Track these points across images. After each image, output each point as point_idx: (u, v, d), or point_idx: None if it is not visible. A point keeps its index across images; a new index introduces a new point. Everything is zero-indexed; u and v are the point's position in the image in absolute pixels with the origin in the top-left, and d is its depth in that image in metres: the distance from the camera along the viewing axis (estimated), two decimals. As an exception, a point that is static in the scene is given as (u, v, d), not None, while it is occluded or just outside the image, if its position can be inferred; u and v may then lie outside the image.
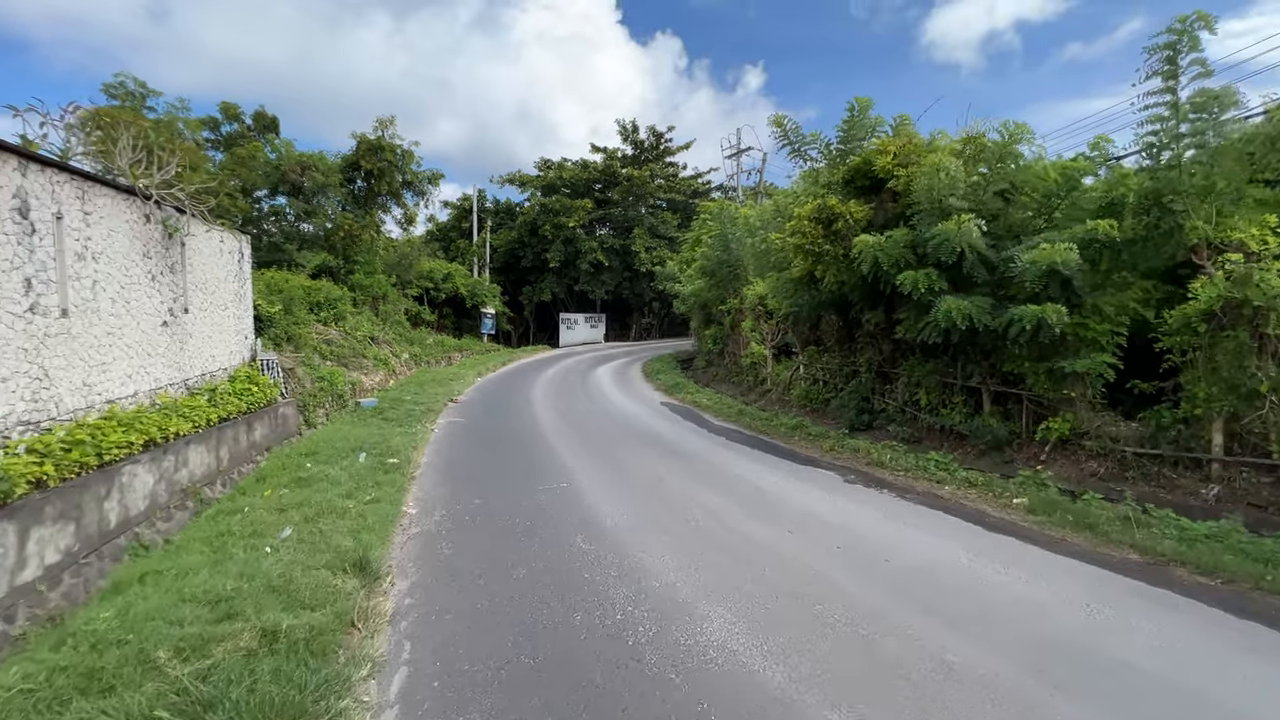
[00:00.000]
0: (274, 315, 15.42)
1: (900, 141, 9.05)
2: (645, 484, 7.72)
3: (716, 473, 8.34)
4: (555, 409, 14.36)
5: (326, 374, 14.64)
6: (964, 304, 7.57)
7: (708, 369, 22.85)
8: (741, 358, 18.16)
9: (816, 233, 8.98)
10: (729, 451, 9.71)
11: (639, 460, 9.01)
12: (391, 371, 19.88)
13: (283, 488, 6.63)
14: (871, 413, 11.38)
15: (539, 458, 9.13)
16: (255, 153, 24.59)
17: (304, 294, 18.96)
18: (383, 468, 7.71)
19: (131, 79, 23.95)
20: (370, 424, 10.93)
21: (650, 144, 42.59)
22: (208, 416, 8.81)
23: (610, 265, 39.78)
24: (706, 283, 19.65)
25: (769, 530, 6.07)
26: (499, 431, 11.40)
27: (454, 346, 28.89)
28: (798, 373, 14.94)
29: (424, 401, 14.69)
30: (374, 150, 27.39)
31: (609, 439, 10.64)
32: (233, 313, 11.23)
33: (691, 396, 16.30)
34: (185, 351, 9.35)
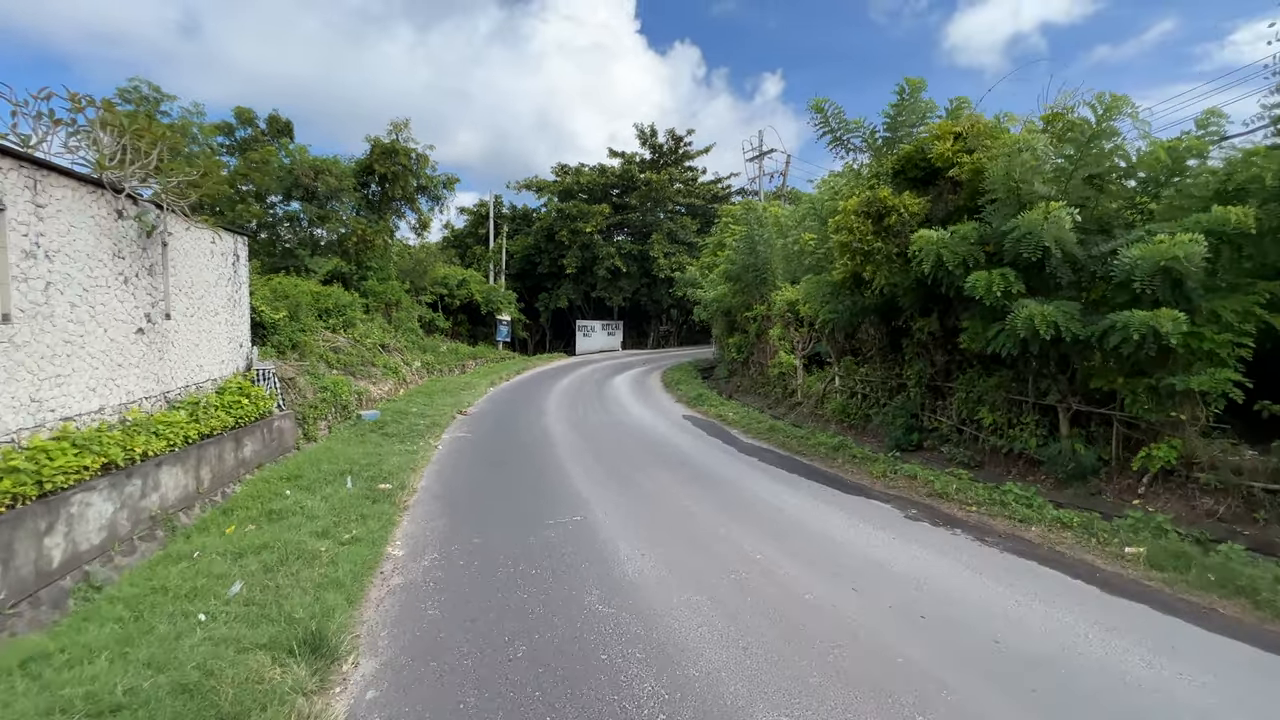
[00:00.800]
0: (278, 322, 14.68)
1: (964, 124, 7.90)
2: (671, 518, 6.63)
3: (752, 504, 7.22)
4: (569, 422, 13.35)
5: (330, 384, 13.81)
6: (1048, 310, 6.39)
7: (730, 379, 21.68)
8: (768, 368, 16.99)
9: (865, 229, 7.86)
10: (764, 476, 8.58)
11: (662, 486, 7.94)
12: (402, 380, 19.08)
13: (249, 523, 5.68)
14: (921, 431, 10.15)
15: (550, 482, 8.10)
16: (269, 157, 24.15)
17: (312, 300, 18.28)
18: (371, 496, 6.74)
19: (146, 83, 23.68)
20: (368, 440, 10.01)
21: (669, 148, 41.69)
22: (186, 433, 7.95)
23: (628, 271, 38.85)
24: (730, 288, 18.55)
25: (828, 587, 4.95)
26: (508, 449, 10.40)
27: (468, 354, 28.13)
28: (832, 385, 13.73)
29: (431, 414, 13.78)
30: (388, 154, 26.86)
31: (627, 459, 9.57)
32: (225, 319, 10.43)
33: (715, 409, 15.17)
34: (166, 361, 8.52)
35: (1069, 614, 4.40)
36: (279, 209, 26.16)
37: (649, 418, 14.30)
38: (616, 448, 10.55)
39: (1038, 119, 7.30)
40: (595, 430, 12.30)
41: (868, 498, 7.50)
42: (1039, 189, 6.70)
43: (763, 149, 33.94)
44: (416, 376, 20.94)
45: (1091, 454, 7.29)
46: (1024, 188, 6.74)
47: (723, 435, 12.03)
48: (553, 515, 6.64)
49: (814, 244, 11.80)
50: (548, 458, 9.65)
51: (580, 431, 12.07)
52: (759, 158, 34.19)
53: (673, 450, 10.43)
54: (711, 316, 23.00)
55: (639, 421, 13.67)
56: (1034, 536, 6.03)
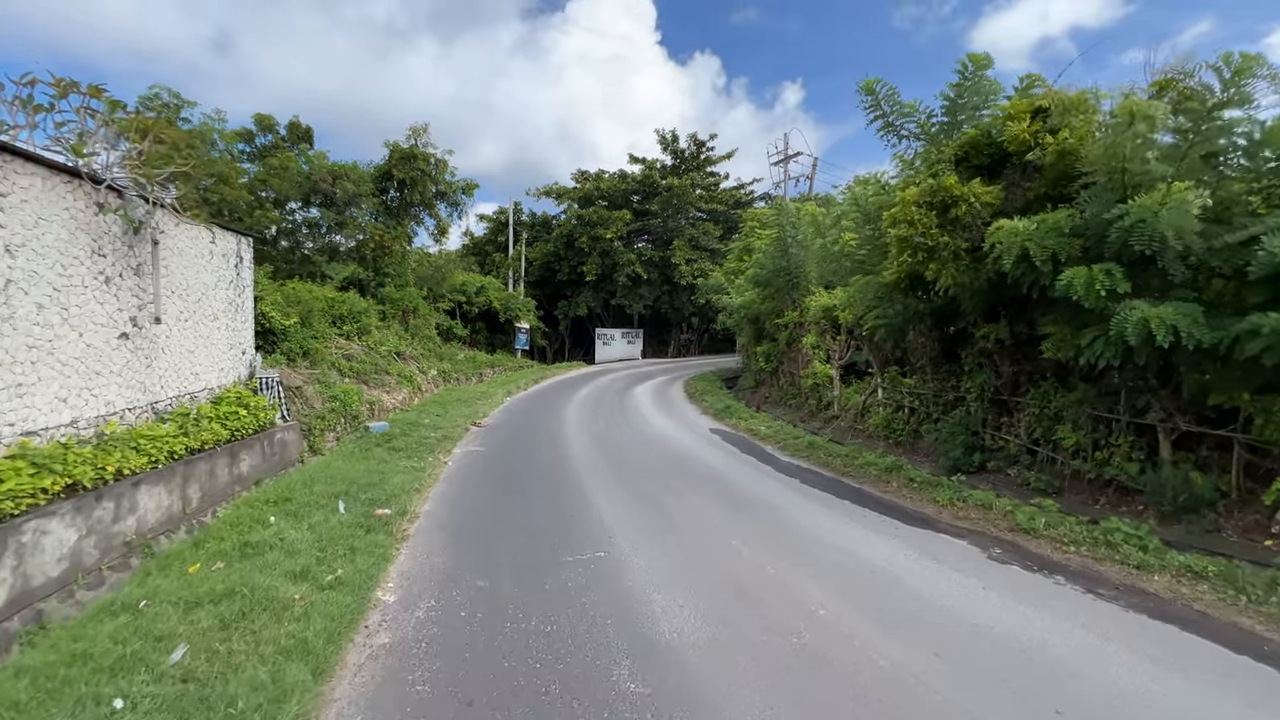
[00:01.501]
0: (289, 328, 14.08)
1: (1046, 100, 6.87)
2: (709, 555, 5.66)
3: (802, 536, 6.21)
4: (590, 435, 12.45)
5: (340, 393, 13.12)
6: (1165, 312, 5.31)
7: (757, 389, 20.61)
8: (801, 378, 15.91)
9: (928, 222, 6.85)
10: (810, 502, 7.55)
11: (697, 514, 6.97)
12: (416, 389, 18.41)
13: (218, 559, 4.86)
14: (983, 451, 9.02)
15: (569, 507, 7.18)
16: (288, 163, 23.90)
17: (326, 306, 17.74)
18: (366, 524, 5.89)
19: (166, 90, 23.61)
20: (371, 456, 9.22)
21: (691, 153, 40.92)
22: (171, 448, 7.23)
23: (649, 278, 38.03)
24: (759, 294, 17.55)
25: (908, 651, 3.95)
26: (523, 466, 9.52)
27: (486, 363, 27.49)
28: (874, 397, 12.62)
29: (443, 425, 13.01)
30: (407, 159, 26.51)
31: (653, 479, 8.62)
32: (225, 324, 9.79)
33: (745, 423, 14.14)
34: (154, 369, 7.84)
35: (1251, 710, 3.33)
36: (298, 215, 25.93)
37: (674, 431, 13.34)
38: (641, 465, 9.60)
39: (1140, 89, 6.25)
40: (617, 445, 11.37)
41: (936, 531, 6.42)
42: (1155, 168, 5.64)
43: (788, 152, 32.99)
44: (432, 385, 20.29)
45: (1209, 484, 6.13)
46: (1132, 167, 5.69)
47: (757, 452, 11.01)
48: (571, 549, 5.72)
49: (856, 243, 10.80)
50: (566, 476, 8.75)
51: (601, 446, 11.16)
52: (784, 161, 33.23)
53: (703, 469, 9.44)
54: (737, 324, 22.01)
55: (664, 435, 12.72)
56: (1159, 589, 4.93)
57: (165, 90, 24.01)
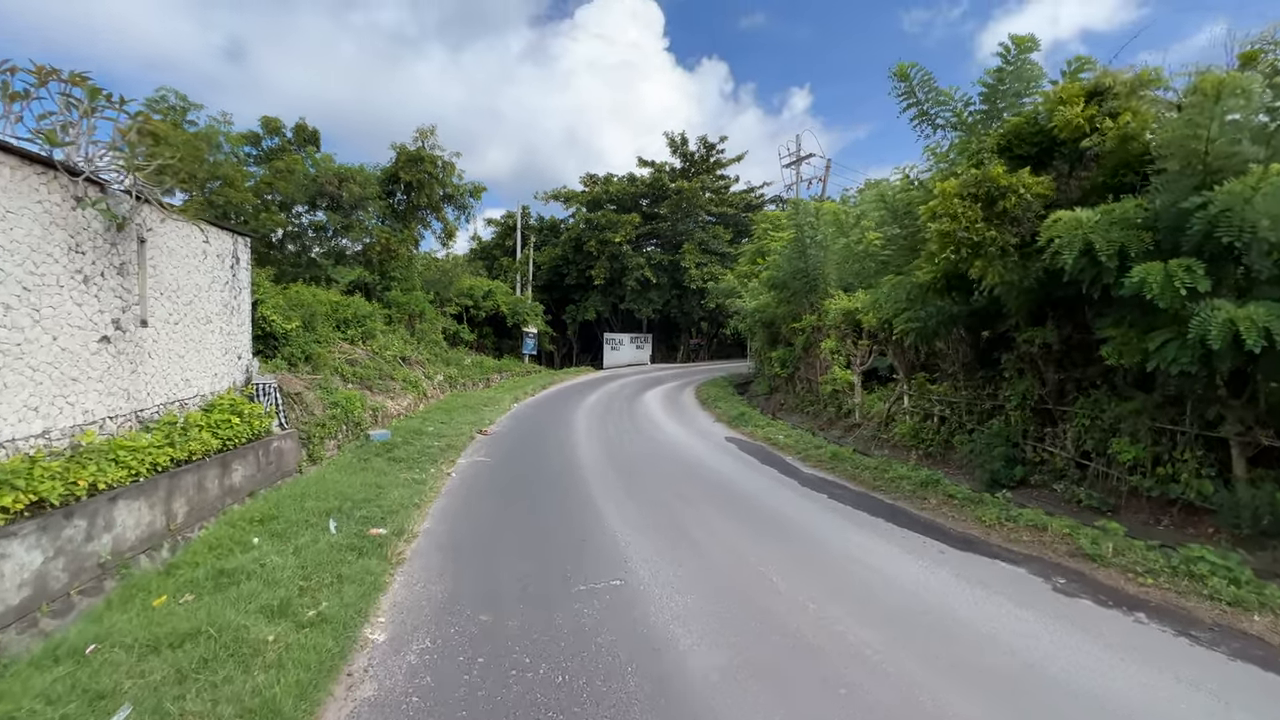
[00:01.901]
0: (290, 332, 13.64)
1: (1107, 80, 6.26)
2: (737, 584, 5.07)
3: (837, 560, 5.60)
4: (601, 444, 11.88)
5: (342, 399, 12.65)
6: (1257, 313, 4.68)
7: (771, 396, 19.98)
8: (819, 384, 15.28)
9: (973, 215, 6.25)
10: (841, 520, 6.94)
11: (718, 533, 6.37)
12: (422, 395, 17.93)
13: (188, 590, 4.33)
14: (1025, 464, 8.36)
15: (580, 524, 6.61)
16: (294, 166, 23.59)
17: (330, 309, 17.33)
18: (358, 545, 5.35)
19: (173, 93, 23.40)
20: (371, 467, 8.69)
21: (701, 156, 40.44)
22: (155, 460, 6.74)
23: (658, 282, 37.50)
24: (774, 297, 16.95)
25: (982, 708, 3.34)
26: (531, 478, 8.97)
27: (493, 368, 27.02)
28: (900, 405, 11.98)
29: (448, 433, 12.49)
30: (414, 161, 26.18)
31: (670, 492, 8.04)
32: (219, 327, 9.32)
33: (762, 431, 13.53)
34: (140, 375, 7.36)
35: None
36: (304, 219, 25.63)
37: (688, 440, 12.74)
38: (655, 477, 9.02)
39: (1215, 68, 5.63)
40: (629, 455, 10.80)
41: (988, 556, 5.79)
42: (1246, 150, 5.02)
43: (800, 153, 32.39)
44: (438, 391, 19.81)
45: (1295, 505, 5.48)
46: (1217, 150, 5.07)
47: (776, 463, 10.39)
48: (584, 575, 5.14)
49: (880, 243, 10.20)
50: (576, 489, 8.18)
51: (613, 457, 10.59)
52: (796, 163, 32.63)
53: (721, 482, 8.84)
54: (750, 329, 21.41)
55: (677, 444, 12.13)
56: (1262, 630, 4.28)
57: (172, 93, 23.73)
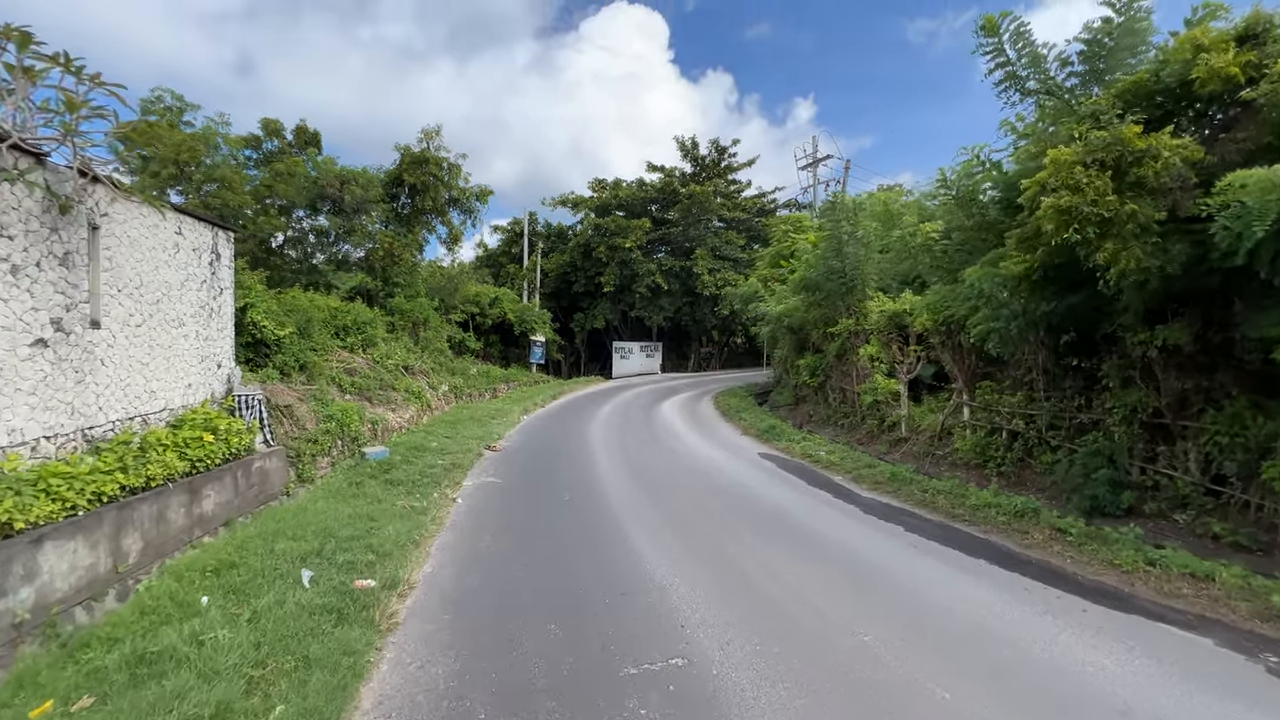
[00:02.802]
0: (284, 339, 12.50)
1: (1258, 22, 5.09)
2: (843, 666, 3.82)
3: (959, 628, 4.33)
4: (624, 462, 10.67)
5: (338, 411, 11.49)
6: None
7: (798, 406, 18.70)
8: (857, 394, 14.01)
9: (1103, 186, 5.06)
10: (936, 561, 5.68)
11: (789, 582, 5.13)
12: (425, 406, 16.74)
13: (86, 691, 3.11)
14: (1134, 488, 7.08)
15: (615, 570, 5.38)
16: (294, 168, 22.63)
17: (328, 315, 16.22)
18: (337, 606, 4.13)
19: (170, 93, 22.59)
20: (364, 491, 7.49)
21: (712, 160, 39.43)
22: (100, 488, 5.58)
23: (669, 289, 36.33)
24: (803, 300, 15.74)
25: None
26: (550, 507, 7.74)
27: (500, 377, 25.85)
28: (957, 417, 10.71)
29: (453, 449, 11.30)
30: (418, 163, 25.18)
31: (714, 523, 6.81)
32: (194, 331, 8.18)
33: (798, 446, 12.28)
34: (88, 385, 6.20)
35: None
36: (305, 223, 24.64)
37: (718, 457, 11.50)
38: (692, 504, 7.79)
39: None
40: (658, 475, 9.57)
41: (1146, 616, 4.51)
42: None
43: (817, 155, 31.33)
44: (443, 402, 18.63)
45: None
46: None
47: (825, 484, 9.13)
48: (633, 651, 3.91)
49: (938, 235, 9.02)
50: (603, 521, 6.96)
51: (639, 478, 9.36)
52: (813, 165, 31.57)
53: (770, 509, 7.60)
54: (773, 335, 20.18)
55: (708, 462, 10.89)
56: None
57: (168, 93, 22.88)
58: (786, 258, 21.41)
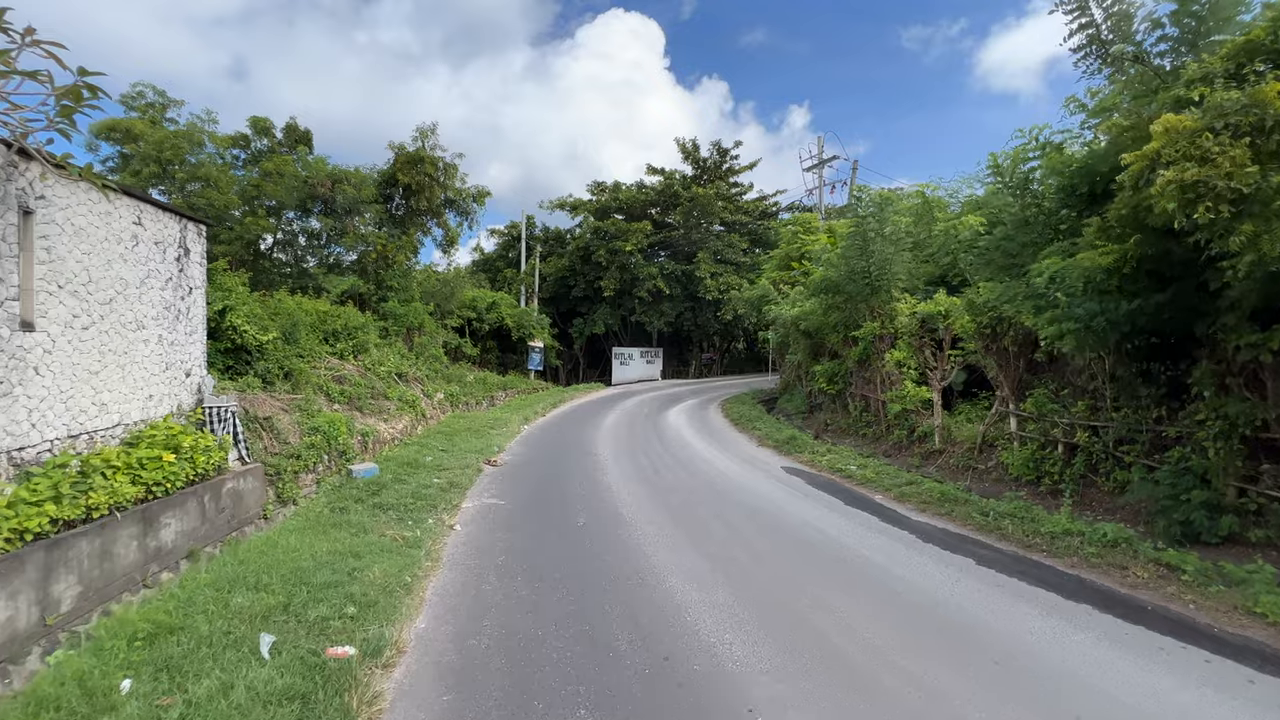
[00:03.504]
0: (266, 345, 11.52)
1: None
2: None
3: (1106, 710, 3.41)
4: (638, 478, 9.73)
5: (324, 423, 10.51)
6: None
7: (812, 415, 17.82)
8: (881, 401, 13.13)
9: (1240, 155, 4.19)
10: (1029, 608, 4.76)
11: (869, 640, 4.21)
12: (420, 416, 15.73)
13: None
14: (1232, 512, 6.18)
15: (654, 627, 4.42)
16: (283, 167, 21.66)
17: (317, 320, 15.23)
18: (301, 691, 3.16)
19: (151, 88, 21.66)
20: (347, 520, 6.51)
21: (713, 162, 38.73)
22: (21, 525, 4.62)
23: (671, 294, 35.48)
24: (821, 303, 14.88)
25: None
26: (562, 536, 6.78)
27: (497, 384, 24.84)
28: (1001, 427, 9.84)
29: (450, 464, 10.33)
30: (413, 163, 24.23)
31: (752, 555, 5.88)
32: (157, 335, 7.21)
33: (824, 459, 11.38)
34: (17, 400, 5.24)
35: None
36: (296, 224, 23.65)
37: (739, 472, 10.57)
38: (727, 531, 6.85)
39: None
40: (678, 495, 8.64)
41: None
42: None
43: (823, 155, 30.60)
44: (438, 411, 17.62)
45: None
46: None
47: (866, 504, 8.21)
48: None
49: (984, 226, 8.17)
50: (628, 555, 6.01)
51: (659, 498, 8.42)
52: (819, 166, 30.82)
53: (815, 538, 6.67)
54: (784, 340, 19.29)
55: (731, 479, 9.96)
56: None
57: (150, 88, 21.93)
58: (797, 259, 20.59)
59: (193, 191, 20.39)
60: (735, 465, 11.22)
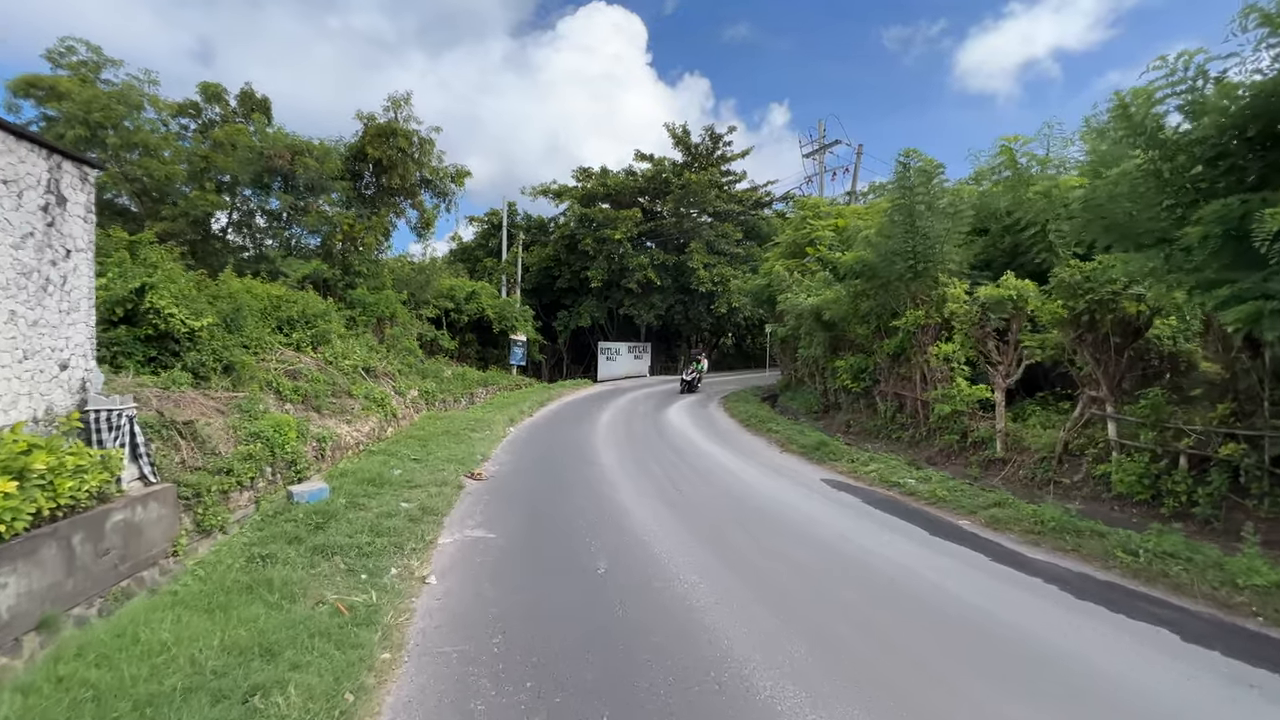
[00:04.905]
0: (200, 332, 9.37)
1: None
2: None
3: None
4: (658, 497, 7.95)
5: (268, 427, 8.48)
6: None
7: (827, 415, 16.21)
8: (925, 402, 11.52)
9: None
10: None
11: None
12: (390, 416, 13.65)
13: None
14: None
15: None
16: (235, 136, 19.13)
17: (269, 305, 13.02)
18: None
19: (85, 44, 18.93)
20: (272, 574, 4.53)
21: (706, 148, 36.94)
22: None
23: (662, 285, 33.65)
24: (847, 290, 13.24)
25: None
26: (578, 594, 4.91)
27: (478, 380, 22.74)
28: (1093, 434, 8.27)
29: (422, 480, 8.40)
30: (384, 135, 21.84)
31: (879, 637, 4.16)
32: (8, 312, 5.16)
33: (867, 469, 9.77)
34: None
35: None
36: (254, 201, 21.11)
37: (774, 487, 8.86)
38: (800, 581, 5.12)
39: None
40: (712, 520, 6.88)
41: None
42: None
43: (824, 140, 29.10)
44: (411, 410, 15.54)
45: None
46: None
47: (955, 534, 6.55)
48: None
49: (1109, 185, 6.54)
50: (682, 630, 4.21)
51: (691, 525, 6.65)
52: (820, 151, 29.35)
53: (924, 592, 4.96)
54: (794, 333, 17.60)
55: (766, 496, 8.24)
56: None
57: (82, 44, 19.15)
58: (808, 245, 18.93)
59: (129, 160, 17.89)
60: (766, 478, 9.50)
